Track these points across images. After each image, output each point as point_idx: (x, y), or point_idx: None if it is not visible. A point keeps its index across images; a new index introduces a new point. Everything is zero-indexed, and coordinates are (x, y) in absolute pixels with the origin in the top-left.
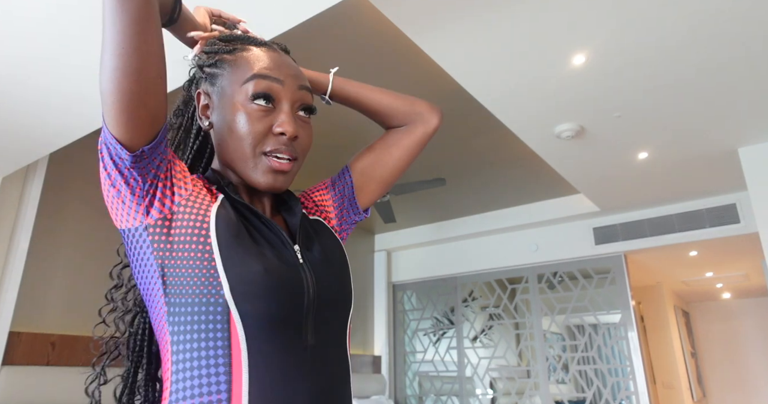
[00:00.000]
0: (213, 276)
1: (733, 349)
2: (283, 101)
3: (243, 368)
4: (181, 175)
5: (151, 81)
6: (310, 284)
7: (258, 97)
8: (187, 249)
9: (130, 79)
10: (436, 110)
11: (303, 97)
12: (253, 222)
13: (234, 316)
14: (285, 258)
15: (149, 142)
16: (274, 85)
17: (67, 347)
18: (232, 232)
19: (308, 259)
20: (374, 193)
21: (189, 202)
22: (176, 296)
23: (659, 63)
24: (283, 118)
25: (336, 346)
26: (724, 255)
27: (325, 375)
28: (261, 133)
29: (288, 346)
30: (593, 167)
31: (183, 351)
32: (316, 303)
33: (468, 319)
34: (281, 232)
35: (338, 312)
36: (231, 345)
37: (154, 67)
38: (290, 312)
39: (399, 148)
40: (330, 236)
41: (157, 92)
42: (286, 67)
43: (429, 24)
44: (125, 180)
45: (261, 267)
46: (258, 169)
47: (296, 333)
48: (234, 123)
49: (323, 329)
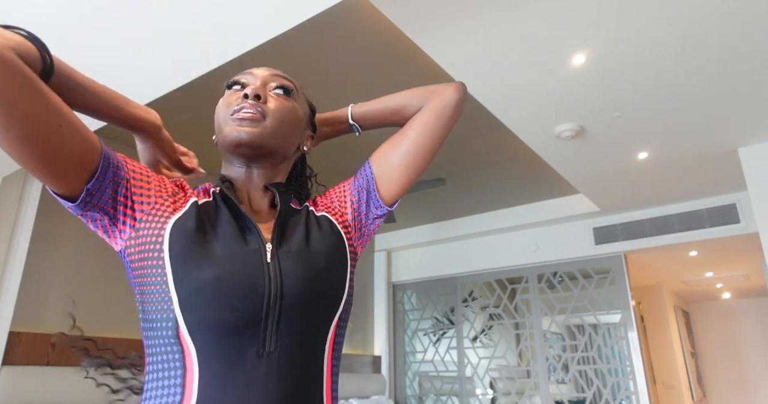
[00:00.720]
0: (165, 291)
1: (733, 349)
2: (253, 83)
3: (194, 377)
4: (142, 189)
5: (49, 137)
6: (273, 286)
7: (230, 86)
8: (148, 265)
9: (32, 145)
10: (455, 84)
11: (276, 79)
12: (228, 220)
13: (182, 330)
14: (249, 258)
15: (90, 179)
16: (244, 77)
17: (67, 347)
18: (189, 241)
19: (280, 259)
20: (400, 182)
21: (150, 216)
22: (144, 313)
23: (659, 63)
24: (249, 88)
25: (306, 352)
26: (724, 255)
27: (286, 383)
28: (231, 104)
29: (239, 355)
30: (593, 167)
31: (153, 363)
32: (279, 306)
33: (468, 319)
34: (256, 230)
35: (314, 316)
36: (185, 357)
37: (45, 125)
38: (243, 320)
39: (416, 128)
40: (329, 232)
41: (65, 140)
42: (257, 68)
43: (429, 24)
44: (90, 219)
45: (212, 275)
46: (227, 128)
47: (251, 340)
48: (216, 111)
49: (289, 334)
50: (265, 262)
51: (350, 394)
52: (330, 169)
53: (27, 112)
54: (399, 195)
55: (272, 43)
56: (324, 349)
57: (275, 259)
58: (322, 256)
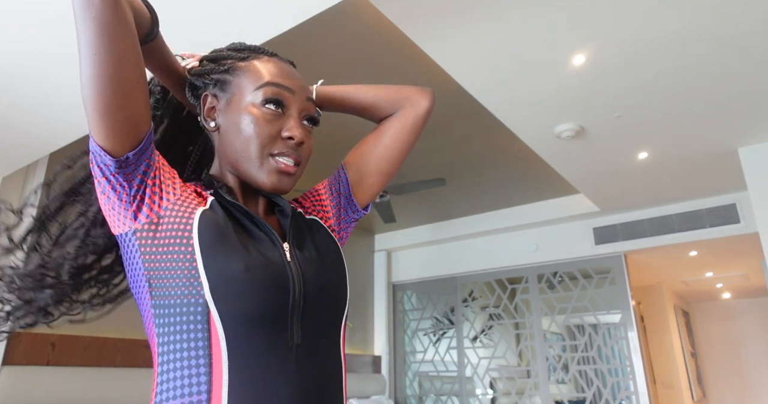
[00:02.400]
0: (194, 277)
1: (733, 349)
2: (292, 108)
3: (223, 368)
4: (170, 180)
5: (128, 85)
6: (297, 282)
7: (270, 101)
8: (171, 251)
9: (106, 84)
10: (426, 92)
11: (309, 107)
12: (244, 222)
13: (213, 316)
14: (271, 256)
15: (133, 148)
16: (285, 93)
17: (67, 347)
18: (217, 233)
19: (298, 258)
20: (373, 187)
21: (176, 206)
22: (161, 298)
23: (659, 63)
24: (293, 123)
25: (326, 346)
26: (724, 255)
27: (312, 376)
28: (270, 135)
29: (270, 346)
30: (593, 167)
31: (168, 353)
32: (302, 302)
33: (468, 319)
34: (272, 231)
35: (330, 312)
36: (211, 344)
37: (130, 72)
38: (273, 311)
39: (391, 136)
40: (325, 235)
41: (136, 96)
42: (296, 78)
43: (429, 24)
44: (112, 186)
45: (243, 265)
46: (264, 169)
47: (280, 332)
48: (245, 124)
49: (312, 328)
50: (286, 261)
51: (350, 394)
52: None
53: (122, 54)
54: (372, 198)
55: (272, 44)
56: (339, 343)
57: (294, 259)
58: (330, 257)
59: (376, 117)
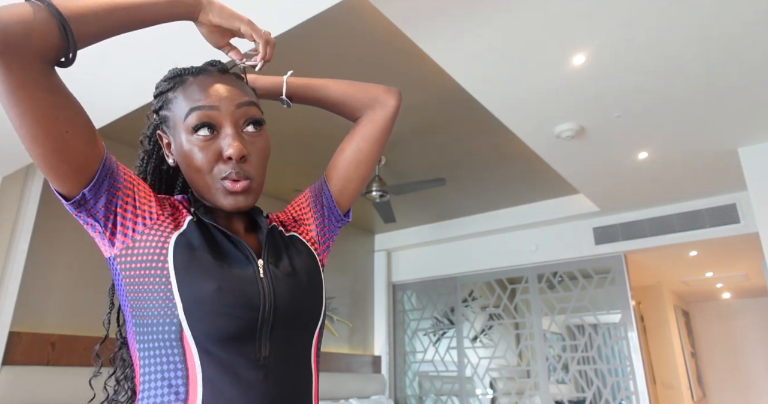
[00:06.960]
0: (169, 298)
1: (733, 349)
2: (224, 125)
3: (198, 381)
4: (146, 199)
5: (56, 139)
6: (267, 298)
7: (198, 128)
8: (148, 274)
9: (33, 143)
10: (392, 91)
11: (245, 113)
12: (219, 240)
13: (186, 333)
14: (243, 274)
15: (87, 184)
16: (211, 113)
17: (67, 347)
18: (191, 256)
19: (272, 274)
20: (355, 192)
21: (152, 230)
22: (140, 317)
23: (659, 63)
24: (228, 142)
25: (296, 358)
26: (724, 255)
27: (281, 386)
28: (211, 162)
29: (239, 358)
30: (593, 167)
31: (148, 365)
32: (272, 317)
33: (468, 319)
34: (247, 249)
35: (301, 326)
36: (186, 360)
37: (54, 127)
38: (241, 327)
39: (367, 141)
40: (304, 252)
41: (71, 146)
42: (219, 91)
43: (429, 24)
44: (83, 221)
45: (215, 285)
46: (219, 194)
47: (249, 346)
48: (188, 158)
49: (281, 342)
50: (258, 278)
51: (350, 394)
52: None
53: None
54: (352, 203)
55: None
56: (310, 354)
57: (267, 276)
58: (305, 274)
59: (349, 115)
